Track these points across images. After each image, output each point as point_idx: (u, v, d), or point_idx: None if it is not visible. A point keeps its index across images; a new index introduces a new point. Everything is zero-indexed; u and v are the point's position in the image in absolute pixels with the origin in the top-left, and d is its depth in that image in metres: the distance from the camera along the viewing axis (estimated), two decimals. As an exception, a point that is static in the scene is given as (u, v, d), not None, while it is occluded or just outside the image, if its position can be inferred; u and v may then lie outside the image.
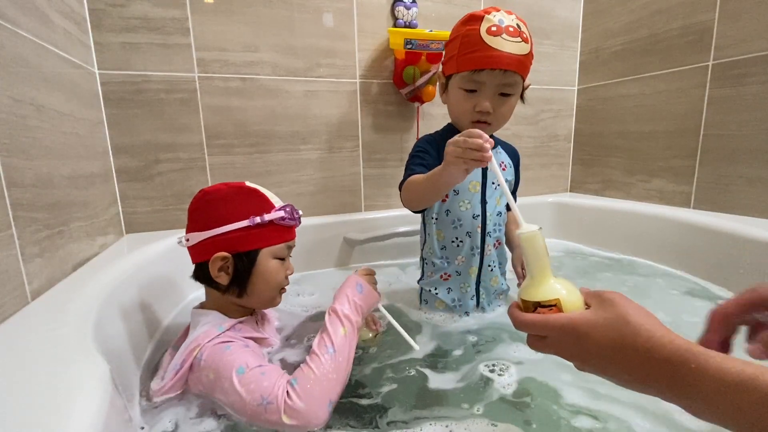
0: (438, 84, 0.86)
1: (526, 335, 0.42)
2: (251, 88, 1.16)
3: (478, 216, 0.83)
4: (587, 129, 1.61)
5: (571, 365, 0.40)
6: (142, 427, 0.53)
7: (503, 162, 0.88)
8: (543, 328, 0.39)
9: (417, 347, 0.67)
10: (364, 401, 0.60)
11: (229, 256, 0.62)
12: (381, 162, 1.35)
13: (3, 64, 0.61)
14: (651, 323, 0.34)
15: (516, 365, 0.67)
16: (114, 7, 1.00)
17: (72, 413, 0.36)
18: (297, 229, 0.70)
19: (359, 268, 0.72)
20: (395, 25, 1.26)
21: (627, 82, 1.41)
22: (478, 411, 0.57)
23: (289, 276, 0.70)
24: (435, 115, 1.38)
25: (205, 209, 0.63)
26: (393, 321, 0.69)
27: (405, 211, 0.79)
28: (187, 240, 0.64)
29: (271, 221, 0.64)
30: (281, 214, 0.64)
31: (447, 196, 0.82)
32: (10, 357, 0.45)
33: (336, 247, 1.25)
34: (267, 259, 0.65)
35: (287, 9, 1.16)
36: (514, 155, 0.91)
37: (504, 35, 0.70)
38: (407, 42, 1.15)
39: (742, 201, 1.11)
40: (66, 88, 0.82)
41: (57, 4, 0.81)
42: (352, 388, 0.62)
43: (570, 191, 1.71)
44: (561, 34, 1.55)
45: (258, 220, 0.62)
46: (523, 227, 0.44)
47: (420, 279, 0.92)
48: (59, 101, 0.78)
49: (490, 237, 0.85)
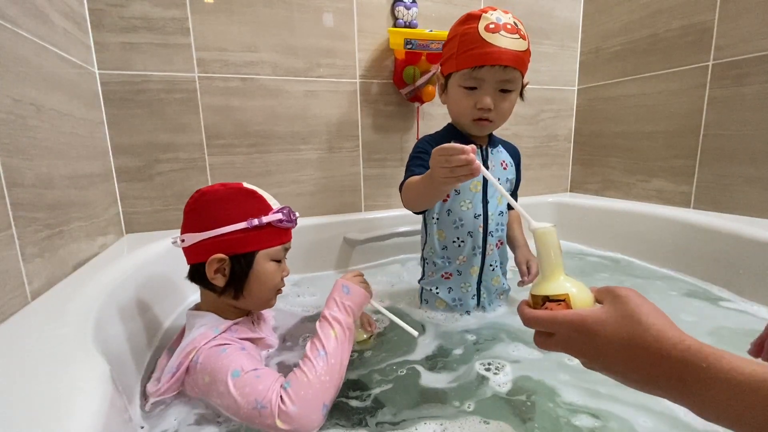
0: (437, 85, 0.86)
1: (525, 335, 0.42)
2: (251, 88, 1.16)
3: (479, 216, 0.82)
4: (587, 129, 1.61)
5: (571, 365, 0.40)
6: (141, 427, 0.53)
7: (504, 161, 0.87)
8: (551, 324, 0.39)
9: (416, 333, 0.67)
10: (359, 401, 0.60)
11: (226, 258, 0.61)
12: (381, 162, 1.35)
13: (3, 64, 0.61)
14: (662, 322, 0.33)
15: (513, 364, 0.67)
16: (114, 7, 1.00)
17: (72, 413, 0.36)
18: (297, 229, 0.70)
19: (353, 270, 0.71)
20: (395, 25, 1.26)
21: (627, 82, 1.41)
22: (468, 408, 0.57)
23: (286, 277, 0.69)
24: (435, 115, 1.38)
25: (202, 210, 0.62)
26: (388, 313, 0.69)
27: (405, 211, 0.79)
28: (183, 241, 0.63)
29: (269, 223, 0.63)
30: (279, 216, 0.64)
31: (448, 195, 0.82)
32: (10, 357, 0.45)
33: (336, 247, 1.25)
34: (264, 262, 0.64)
35: (287, 9, 1.16)
36: (515, 154, 0.91)
37: (502, 32, 0.71)
38: (407, 42, 1.15)
39: (742, 201, 1.11)
40: (66, 88, 0.82)
41: (57, 4, 0.81)
42: (348, 388, 0.62)
43: (570, 191, 1.71)
44: (561, 34, 1.55)
45: (256, 222, 0.62)
46: (538, 224, 0.44)
47: (420, 278, 0.92)
48: (59, 101, 0.78)
49: (492, 237, 0.84)
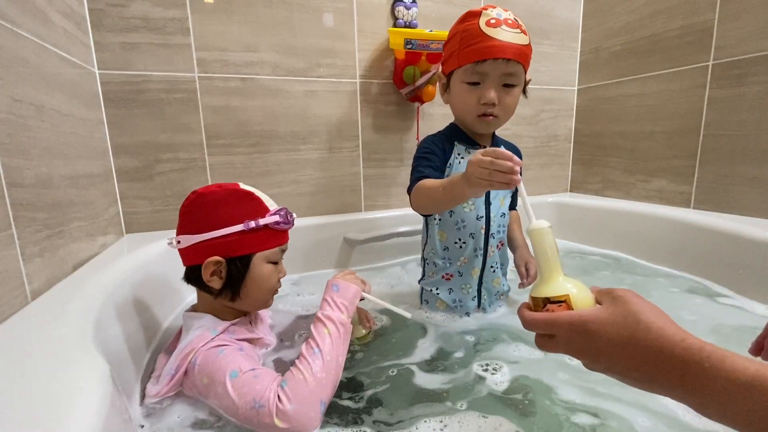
0: (438, 84, 0.85)
1: (526, 335, 0.42)
2: (251, 88, 1.16)
3: (482, 217, 0.82)
4: (587, 129, 1.61)
5: (571, 365, 0.40)
6: (141, 426, 0.53)
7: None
8: (552, 326, 0.39)
9: (409, 315, 0.69)
10: (357, 400, 0.60)
11: (223, 260, 0.61)
12: (381, 162, 1.35)
13: (3, 64, 0.61)
14: (662, 321, 0.33)
15: (512, 365, 0.67)
16: (114, 7, 1.00)
17: (72, 413, 0.36)
18: (297, 229, 0.70)
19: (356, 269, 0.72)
20: (395, 25, 1.26)
21: (627, 82, 1.41)
22: (464, 407, 0.57)
23: (284, 278, 0.69)
24: (435, 115, 1.38)
25: (199, 211, 0.61)
26: (380, 301, 0.70)
27: (405, 211, 0.79)
28: (179, 242, 0.62)
29: (266, 225, 0.63)
30: (276, 218, 0.63)
31: None
32: (10, 357, 0.45)
33: (336, 248, 1.25)
34: (261, 264, 0.64)
35: (287, 9, 1.16)
36: (516, 154, 0.90)
37: (503, 26, 0.71)
38: (407, 42, 1.15)
39: (742, 201, 1.11)
40: (66, 88, 0.82)
41: (57, 4, 0.81)
42: (346, 387, 0.62)
43: (570, 191, 1.71)
44: (561, 34, 1.55)
45: (253, 224, 0.61)
46: (533, 223, 0.44)
47: (421, 279, 0.92)
48: (59, 101, 0.78)
49: (493, 238, 0.84)
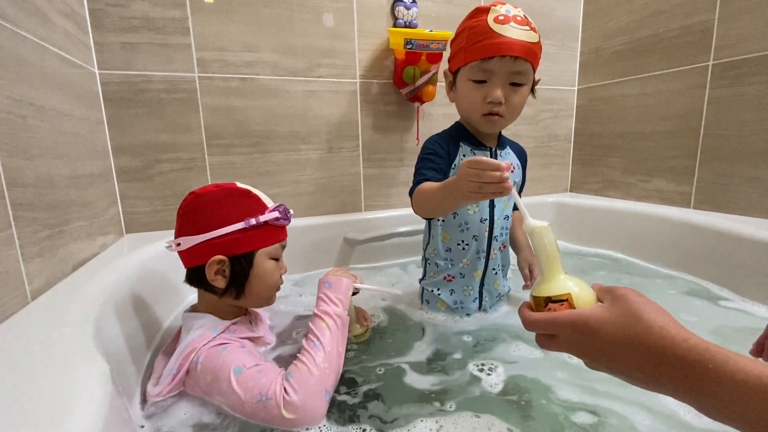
0: (445, 82, 0.83)
1: (526, 334, 0.42)
2: (251, 88, 1.16)
3: (485, 220, 0.81)
4: (587, 129, 1.61)
5: (571, 364, 0.40)
6: (141, 426, 0.53)
7: (511, 164, 0.85)
8: (553, 326, 0.39)
9: (400, 292, 0.74)
10: (353, 399, 0.60)
11: (226, 259, 0.61)
12: (381, 162, 1.35)
13: (3, 64, 0.61)
14: (664, 320, 0.33)
15: (509, 364, 0.67)
16: (114, 7, 1.00)
17: (72, 413, 0.36)
18: (298, 229, 0.70)
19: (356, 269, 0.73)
20: (395, 25, 1.26)
21: (627, 82, 1.41)
22: (460, 407, 0.57)
23: (286, 278, 0.70)
24: (435, 115, 1.38)
25: (198, 212, 0.61)
26: (372, 287, 0.74)
27: (405, 211, 0.79)
28: (178, 244, 0.62)
29: (266, 222, 0.63)
30: (276, 214, 0.64)
31: None
32: (10, 357, 0.45)
33: (336, 247, 1.25)
34: (263, 260, 0.65)
35: (287, 9, 1.16)
36: (522, 155, 0.90)
37: (512, 23, 0.69)
38: (407, 42, 1.15)
39: (742, 201, 1.11)
40: (66, 88, 0.82)
41: (57, 4, 0.81)
42: (343, 386, 0.62)
43: (570, 191, 1.71)
44: (561, 34, 1.55)
45: (253, 221, 0.62)
46: (533, 222, 0.44)
47: (422, 279, 0.92)
48: (59, 101, 0.78)
49: (496, 241, 0.83)
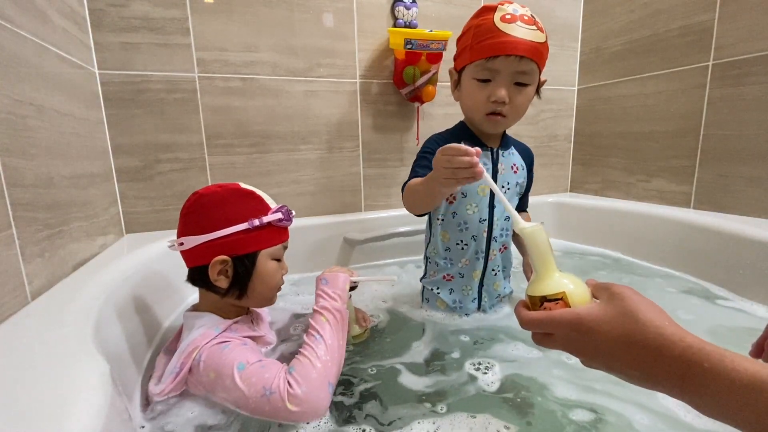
0: (450, 81, 0.82)
1: (524, 334, 0.42)
2: (251, 88, 1.16)
3: (484, 220, 0.81)
4: (587, 129, 1.61)
5: (569, 364, 0.40)
6: (142, 426, 0.53)
7: (515, 164, 0.84)
8: (549, 325, 0.39)
9: (395, 278, 0.77)
10: (350, 400, 0.60)
11: (229, 259, 0.62)
12: (381, 162, 1.35)
13: (3, 64, 0.61)
14: (661, 319, 0.33)
15: (507, 364, 0.67)
16: (114, 7, 1.00)
17: (72, 413, 0.36)
18: (298, 229, 0.71)
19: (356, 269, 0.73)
20: (395, 25, 1.26)
21: (627, 82, 1.41)
22: (454, 407, 0.57)
23: (285, 275, 0.70)
24: (435, 115, 1.38)
25: (201, 212, 0.62)
26: (368, 278, 0.76)
27: (405, 211, 0.79)
28: (181, 244, 0.62)
29: (269, 223, 0.64)
30: (278, 215, 0.65)
31: (454, 197, 0.80)
32: (10, 357, 0.45)
33: (336, 247, 1.25)
34: (266, 261, 0.65)
35: (287, 9, 1.16)
36: (527, 155, 0.89)
37: (519, 22, 0.68)
38: (407, 42, 1.15)
39: (742, 201, 1.11)
40: (66, 88, 0.82)
41: (57, 4, 0.81)
42: (339, 386, 0.62)
43: (570, 191, 1.71)
44: (561, 34, 1.55)
45: (257, 222, 0.62)
46: (525, 223, 0.44)
47: (422, 277, 0.92)
48: (59, 101, 0.78)
49: (495, 242, 0.82)
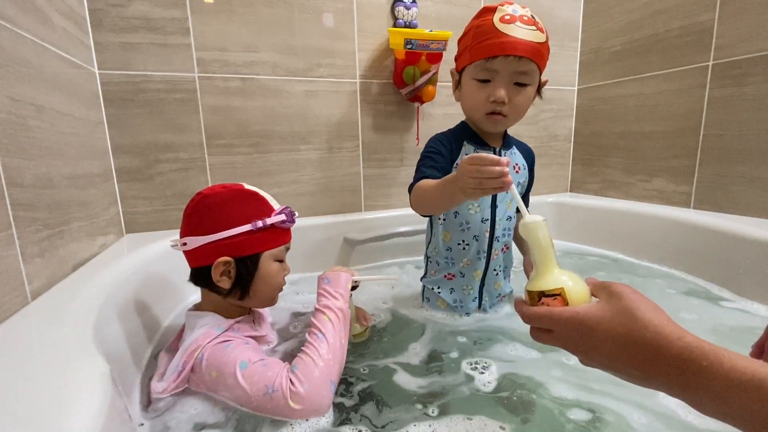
0: (452, 82, 0.83)
1: (523, 335, 0.42)
2: (251, 88, 1.16)
3: (486, 220, 0.81)
4: (587, 129, 1.61)
5: (569, 364, 0.40)
6: (141, 424, 0.53)
7: (517, 164, 0.84)
8: (549, 321, 0.39)
9: (396, 277, 0.75)
10: (347, 397, 0.60)
11: (232, 260, 0.62)
12: (381, 162, 1.35)
13: (3, 64, 0.61)
14: (659, 319, 0.33)
15: (505, 363, 0.67)
16: (114, 7, 1.00)
17: (72, 413, 0.36)
18: (298, 229, 0.71)
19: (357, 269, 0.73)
20: (395, 25, 1.26)
21: (627, 82, 1.40)
22: (451, 407, 0.57)
23: (287, 276, 0.70)
24: (435, 115, 1.38)
25: (205, 213, 0.62)
26: (370, 277, 0.76)
27: (405, 211, 0.79)
28: (184, 244, 0.62)
29: (273, 224, 0.64)
30: (282, 217, 0.65)
31: None
32: (10, 357, 0.45)
33: (336, 247, 1.25)
34: (268, 262, 0.65)
35: (287, 9, 1.16)
36: (528, 155, 0.89)
37: (518, 23, 0.69)
38: (407, 42, 1.15)
39: (742, 201, 1.11)
40: (66, 88, 0.82)
41: (57, 4, 0.81)
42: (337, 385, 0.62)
43: (570, 191, 1.71)
44: (561, 34, 1.55)
45: (260, 224, 0.62)
46: (527, 218, 0.44)
47: (423, 276, 0.92)
48: (59, 101, 0.78)
49: (497, 242, 0.82)
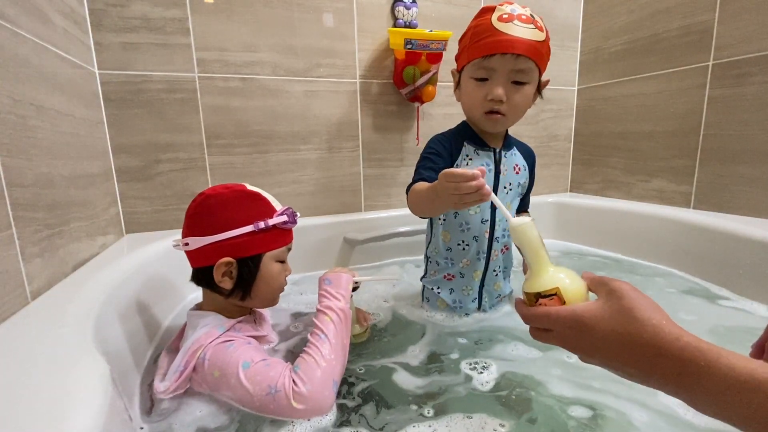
0: (453, 82, 0.83)
1: (523, 335, 0.42)
2: (251, 88, 1.16)
3: (486, 221, 0.80)
4: (587, 129, 1.61)
5: (569, 363, 0.40)
6: (141, 428, 0.53)
7: (517, 164, 0.84)
8: (547, 321, 0.39)
9: (396, 278, 0.75)
10: (347, 398, 0.60)
11: (234, 261, 0.62)
12: (381, 162, 1.35)
13: (3, 64, 0.61)
14: (658, 317, 0.33)
15: (505, 363, 0.67)
16: (114, 7, 1.00)
17: (72, 413, 0.36)
18: (298, 229, 0.71)
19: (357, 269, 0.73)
20: (395, 25, 1.26)
21: (627, 82, 1.41)
22: (444, 409, 0.57)
23: (288, 276, 0.70)
24: (435, 115, 1.38)
25: (207, 213, 0.62)
26: (370, 278, 0.77)
27: (405, 211, 0.79)
28: (186, 244, 0.62)
29: (275, 225, 0.64)
30: (284, 218, 0.65)
31: None
32: (10, 357, 0.45)
33: (336, 248, 1.25)
34: (270, 263, 0.65)
35: (287, 9, 1.16)
36: (529, 156, 0.89)
37: (516, 21, 0.69)
38: (407, 42, 1.15)
39: (742, 201, 1.11)
40: (66, 88, 0.82)
41: (57, 4, 0.81)
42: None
43: (570, 191, 1.71)
44: (561, 34, 1.55)
45: (262, 225, 0.62)
46: (514, 221, 0.44)
47: (423, 276, 0.92)
48: (59, 101, 0.78)
49: (497, 242, 0.82)
